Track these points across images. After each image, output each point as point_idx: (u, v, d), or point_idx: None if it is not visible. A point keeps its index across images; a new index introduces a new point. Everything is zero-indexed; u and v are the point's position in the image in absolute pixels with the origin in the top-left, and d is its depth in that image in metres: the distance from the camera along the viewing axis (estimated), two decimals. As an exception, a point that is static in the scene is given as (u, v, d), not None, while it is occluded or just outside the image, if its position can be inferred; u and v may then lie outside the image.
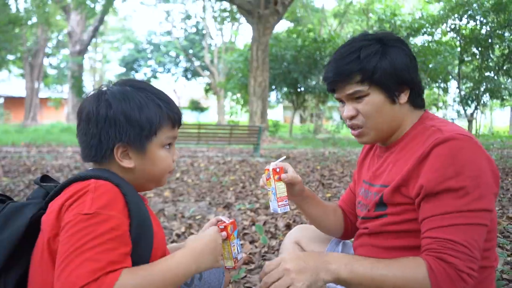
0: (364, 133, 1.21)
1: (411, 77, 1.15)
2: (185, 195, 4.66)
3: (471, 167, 1.00)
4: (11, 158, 8.40)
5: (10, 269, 0.94)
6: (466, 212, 0.99)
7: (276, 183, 1.27)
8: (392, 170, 1.17)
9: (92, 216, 0.85)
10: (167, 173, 1.09)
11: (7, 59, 25.09)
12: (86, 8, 19.43)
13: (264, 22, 14.54)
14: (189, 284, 1.30)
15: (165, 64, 35.29)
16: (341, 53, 1.17)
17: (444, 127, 1.09)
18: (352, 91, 1.16)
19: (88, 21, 24.44)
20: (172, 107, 1.05)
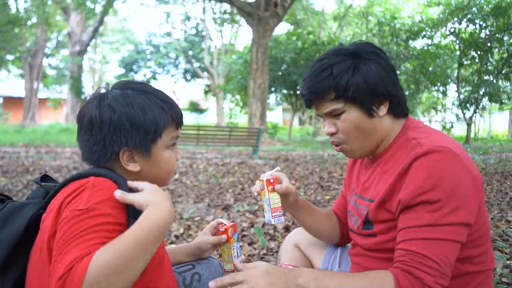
0: (346, 149, 1.20)
1: (387, 89, 1.13)
2: (184, 197, 4.65)
3: (448, 179, 0.99)
4: (9, 158, 8.38)
5: (9, 268, 0.93)
6: (441, 226, 0.98)
7: (270, 194, 1.25)
8: (378, 184, 1.16)
9: (86, 211, 0.84)
10: (171, 174, 1.10)
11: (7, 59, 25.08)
12: (86, 9, 19.44)
13: (264, 24, 14.56)
14: (188, 285, 1.29)
15: (165, 65, 35.32)
16: (314, 70, 1.15)
17: (424, 140, 1.08)
18: (329, 109, 1.15)
19: (88, 21, 24.46)
20: (174, 108, 1.05)
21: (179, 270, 1.32)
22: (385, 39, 18.22)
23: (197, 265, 1.35)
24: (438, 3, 17.16)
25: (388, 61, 1.16)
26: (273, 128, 17.97)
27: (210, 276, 1.34)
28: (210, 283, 0.98)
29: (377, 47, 1.18)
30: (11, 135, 15.88)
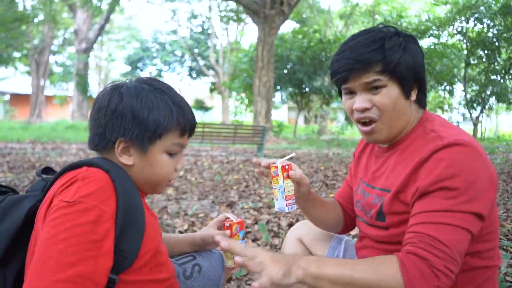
0: (376, 129, 1.15)
1: (422, 75, 1.14)
2: (188, 193, 4.66)
3: (467, 171, 0.98)
4: (16, 154, 8.44)
5: (9, 261, 0.93)
6: (455, 212, 0.97)
7: (284, 181, 1.21)
8: (392, 174, 1.14)
9: (72, 204, 0.84)
10: (165, 181, 1.06)
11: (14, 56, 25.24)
12: (92, 6, 19.51)
13: (270, 22, 14.53)
14: (188, 277, 1.28)
15: (171, 63, 35.38)
16: (360, 41, 1.11)
17: (444, 133, 1.07)
18: (371, 79, 1.10)
19: (94, 19, 24.55)
20: (185, 114, 1.02)
21: (180, 261, 1.31)
22: (391, 38, 18.12)
23: (197, 256, 1.34)
24: (445, 2, 17.05)
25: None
26: (278, 126, 17.95)
27: (211, 268, 1.33)
28: (223, 243, 1.00)
29: (411, 34, 1.19)
30: (18, 131, 16.00)
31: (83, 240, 0.83)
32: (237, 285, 2.02)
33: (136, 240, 0.94)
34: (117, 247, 0.90)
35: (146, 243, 0.96)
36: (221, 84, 26.47)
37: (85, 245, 0.83)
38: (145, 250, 0.96)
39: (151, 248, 0.99)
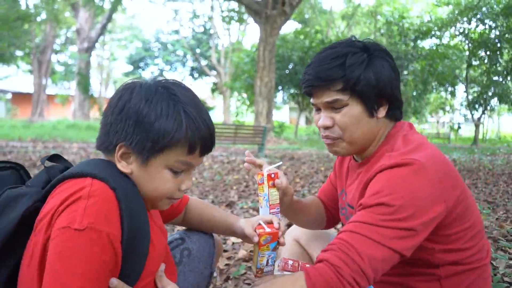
0: (337, 144, 1.14)
1: (392, 91, 1.10)
2: (189, 193, 4.67)
3: (404, 190, 0.96)
4: (17, 153, 8.45)
5: (3, 259, 0.91)
6: (384, 228, 0.94)
7: (270, 189, 1.20)
8: (355, 191, 1.15)
9: (83, 232, 0.79)
10: (165, 199, 0.96)
11: (16, 55, 25.29)
12: (94, 6, 19.54)
13: (272, 23, 14.53)
14: (178, 263, 1.25)
15: (172, 63, 35.43)
16: (324, 56, 1.09)
17: (396, 152, 1.05)
18: (331, 99, 1.08)
19: (96, 18, 24.59)
20: (199, 129, 0.90)
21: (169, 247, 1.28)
22: (393, 38, 18.13)
23: (186, 239, 1.31)
24: (447, 2, 17.04)
25: (395, 63, 1.13)
26: (279, 127, 17.96)
27: (200, 249, 1.31)
28: None
29: (385, 48, 1.15)
30: (20, 130, 16.02)
31: (101, 270, 0.81)
32: (235, 284, 2.02)
33: (139, 264, 0.91)
34: (120, 270, 0.88)
35: (148, 266, 0.94)
36: (223, 84, 26.47)
37: (103, 275, 0.82)
38: (146, 273, 0.94)
39: (154, 271, 0.97)
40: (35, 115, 24.52)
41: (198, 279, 1.28)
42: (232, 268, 2.22)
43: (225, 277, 2.10)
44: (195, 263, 1.28)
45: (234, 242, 2.73)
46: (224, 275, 2.13)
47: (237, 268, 2.19)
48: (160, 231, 1.05)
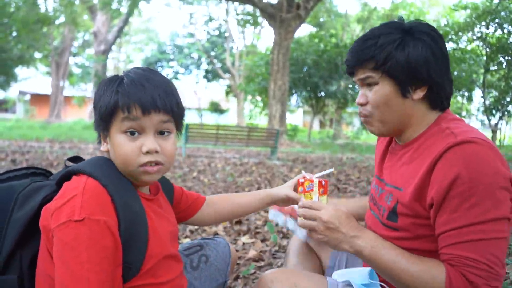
0: (370, 122, 1.17)
1: (429, 75, 1.07)
2: (201, 194, 4.71)
3: (484, 172, 0.93)
4: (35, 152, 8.62)
5: (25, 244, 0.99)
6: (482, 224, 0.93)
7: (320, 197, 1.17)
8: (406, 172, 1.11)
9: (83, 222, 0.87)
10: (134, 165, 1.00)
11: (35, 57, 25.84)
12: (111, 9, 19.84)
13: (286, 26, 14.56)
14: (195, 267, 1.32)
15: (187, 65, 35.69)
16: (362, 37, 1.14)
17: (458, 130, 1.02)
18: (364, 76, 1.13)
19: (113, 21, 24.96)
20: (131, 91, 0.97)
21: (187, 252, 1.35)
22: (409, 42, 17.96)
23: (204, 246, 1.38)
24: (465, 6, 16.82)
25: (441, 47, 1.10)
26: (292, 130, 17.92)
27: (218, 257, 1.37)
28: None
29: (436, 30, 1.12)
30: (37, 130, 16.34)
31: (104, 255, 0.88)
32: (244, 283, 2.04)
33: (139, 251, 0.97)
34: (123, 259, 0.95)
35: (151, 251, 1.00)
36: (237, 87, 26.57)
37: (106, 260, 0.89)
38: (149, 258, 1.00)
39: (157, 254, 1.02)
40: (52, 116, 24.97)
41: (213, 285, 1.35)
42: (242, 268, 2.24)
43: (235, 276, 2.12)
44: (211, 269, 1.35)
45: (244, 242, 2.75)
46: (233, 274, 2.15)
47: (247, 268, 2.21)
48: (164, 218, 1.11)
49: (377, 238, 1.06)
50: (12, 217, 0.99)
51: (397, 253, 1.02)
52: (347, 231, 1.07)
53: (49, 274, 0.93)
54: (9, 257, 0.98)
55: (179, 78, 36.46)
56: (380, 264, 1.03)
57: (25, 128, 17.40)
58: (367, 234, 1.08)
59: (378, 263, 1.03)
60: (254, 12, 22.28)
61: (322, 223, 1.09)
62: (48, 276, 0.94)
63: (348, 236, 1.07)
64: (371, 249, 1.04)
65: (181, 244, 1.41)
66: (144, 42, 38.79)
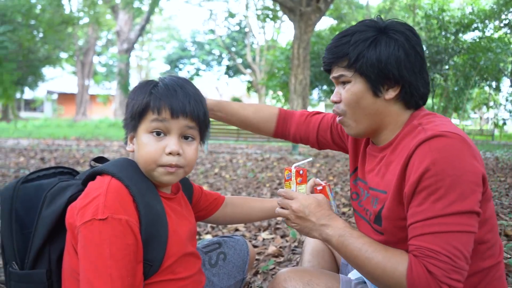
0: (344, 122, 1.17)
1: (400, 74, 1.06)
2: (222, 190, 4.77)
3: (453, 165, 0.93)
4: (62, 150, 8.89)
5: (54, 240, 1.05)
6: (447, 216, 0.93)
7: (297, 186, 1.19)
8: (386, 175, 1.11)
9: (106, 220, 0.91)
10: (158, 167, 1.04)
11: (61, 57, 26.52)
12: (133, 8, 20.15)
13: (306, 20, 14.46)
14: (214, 265, 1.36)
15: (208, 62, 35.91)
16: (339, 34, 1.14)
17: (430, 125, 1.03)
18: (337, 74, 1.13)
19: (135, 20, 25.34)
20: (163, 94, 1.03)
21: (205, 250, 1.40)
22: (432, 32, 17.57)
23: (223, 244, 1.43)
24: (491, -7, 16.32)
25: (415, 46, 1.09)
26: (314, 124, 17.80)
27: (235, 255, 1.41)
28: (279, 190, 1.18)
29: (411, 29, 1.11)
30: (64, 129, 16.82)
31: (126, 252, 0.93)
32: (263, 278, 2.08)
33: (159, 250, 1.02)
34: (143, 256, 0.99)
35: (170, 250, 1.04)
36: (258, 82, 26.58)
37: (128, 257, 0.93)
38: (169, 256, 1.04)
39: (176, 253, 1.06)
40: (79, 114, 25.62)
41: (231, 282, 1.39)
42: (262, 263, 2.28)
43: (254, 272, 2.16)
44: (229, 267, 1.39)
45: (264, 238, 2.79)
46: (253, 269, 2.19)
47: (266, 263, 2.25)
48: (184, 217, 1.15)
49: (346, 227, 1.06)
50: (41, 215, 1.05)
51: (364, 242, 1.02)
52: (317, 220, 1.09)
53: (74, 269, 0.99)
54: (39, 252, 1.04)
55: (200, 75, 36.73)
56: (346, 252, 1.03)
57: (53, 126, 17.94)
58: (336, 223, 1.08)
59: (344, 252, 1.04)
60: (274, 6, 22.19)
61: (292, 212, 1.12)
62: (73, 270, 0.99)
63: (318, 224, 1.08)
64: (339, 238, 1.04)
65: (200, 241, 1.46)
66: (166, 39, 39.25)
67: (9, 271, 1.08)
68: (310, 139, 1.51)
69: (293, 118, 1.54)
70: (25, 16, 19.76)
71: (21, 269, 1.06)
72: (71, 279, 1.00)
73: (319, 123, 1.48)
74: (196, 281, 1.14)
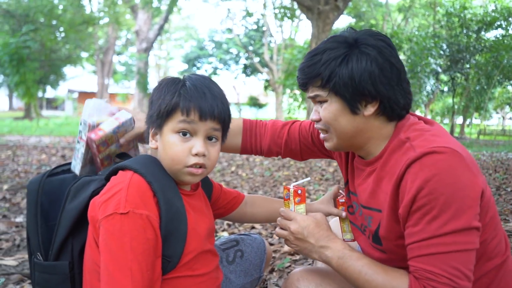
0: (327, 139, 1.15)
1: (376, 90, 1.03)
2: (239, 188, 4.79)
3: (445, 182, 0.91)
4: (82, 148, 9.06)
5: (76, 233, 1.08)
6: (443, 236, 0.91)
7: (296, 206, 1.17)
8: (377, 192, 1.09)
9: (127, 215, 0.94)
10: (181, 165, 1.06)
11: (82, 57, 27.02)
12: (152, 7, 20.38)
13: (324, 18, 14.36)
14: (231, 262, 1.37)
15: (226, 61, 36.02)
16: (311, 52, 1.11)
17: (417, 140, 1.00)
18: (313, 94, 1.11)
19: (154, 19, 25.60)
20: (193, 96, 1.04)
21: (223, 247, 1.41)
22: (453, 30, 17.24)
23: (240, 241, 1.44)
24: (515, -10, 15.92)
25: (390, 59, 1.04)
26: (331, 124, 17.68)
27: (253, 253, 1.42)
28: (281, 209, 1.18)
29: (385, 40, 1.07)
30: (85, 127, 17.09)
31: (146, 246, 0.95)
32: (279, 276, 2.09)
33: (178, 247, 1.04)
34: (162, 252, 1.01)
35: (189, 246, 1.06)
36: (275, 81, 26.54)
37: (148, 251, 0.95)
38: (187, 252, 1.06)
39: (194, 250, 1.08)
40: (98, 113, 25.99)
41: (248, 279, 1.40)
42: (277, 261, 2.29)
43: (270, 269, 2.17)
44: (246, 264, 1.40)
45: (280, 236, 2.80)
46: (269, 267, 2.20)
47: (282, 261, 2.25)
48: (203, 214, 1.17)
49: (345, 249, 1.05)
50: (65, 208, 1.08)
51: (363, 263, 1.01)
52: (316, 241, 1.07)
53: (95, 261, 1.01)
54: (62, 244, 1.08)
55: (218, 74, 36.87)
56: (346, 274, 1.02)
57: (74, 125, 18.28)
58: (336, 245, 1.06)
59: (344, 274, 1.03)
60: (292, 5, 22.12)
61: (291, 233, 1.10)
62: (94, 263, 1.02)
63: (317, 246, 1.07)
64: (338, 260, 1.03)
65: (218, 238, 1.47)
66: (184, 39, 39.55)
67: (34, 261, 1.12)
68: (293, 151, 1.44)
69: (263, 129, 1.46)
70: (47, 16, 20.20)
71: (45, 260, 1.10)
72: (92, 272, 1.03)
73: (298, 133, 1.42)
74: (213, 277, 1.16)
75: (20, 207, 3.55)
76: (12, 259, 2.30)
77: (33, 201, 1.13)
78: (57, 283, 1.08)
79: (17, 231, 2.86)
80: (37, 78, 20.31)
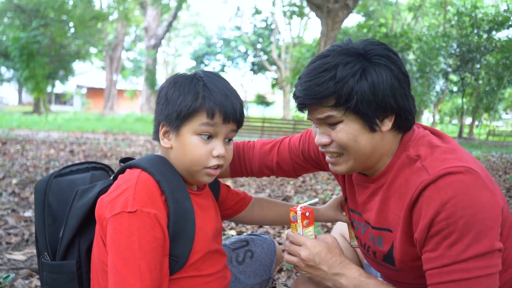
0: (339, 163, 1.04)
1: (397, 102, 0.96)
2: (246, 186, 4.78)
3: (464, 204, 0.86)
4: (90, 144, 9.10)
5: (83, 231, 1.08)
6: (464, 262, 0.87)
7: (304, 230, 1.09)
8: (385, 211, 1.04)
9: (135, 213, 0.93)
10: (201, 167, 1.05)
11: (90, 52, 27.17)
12: (161, 4, 20.42)
13: (333, 17, 14.29)
14: (241, 262, 1.36)
15: (234, 58, 36.02)
16: (314, 69, 0.97)
17: (429, 160, 0.94)
18: (323, 116, 0.98)
19: (162, 16, 25.66)
20: (215, 98, 1.02)
21: (233, 247, 1.40)
22: (464, 30, 17.08)
23: (251, 242, 1.42)
24: (527, -10, 15.72)
25: (401, 67, 0.98)
26: (339, 122, 17.63)
27: (263, 254, 1.40)
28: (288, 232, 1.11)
29: (390, 49, 1.00)
30: (93, 123, 17.23)
31: (154, 244, 0.94)
32: (288, 276, 2.07)
33: (186, 246, 1.03)
34: (169, 252, 1.00)
35: (196, 246, 1.05)
36: (283, 79, 26.49)
37: (156, 250, 0.95)
38: (195, 252, 1.05)
39: (201, 249, 1.07)
40: (106, 108, 26.17)
41: (257, 280, 1.39)
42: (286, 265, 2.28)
43: (279, 269, 2.16)
44: (256, 265, 1.39)
45: (288, 235, 2.78)
46: (277, 266, 2.19)
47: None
48: (210, 213, 1.16)
49: (361, 276, 1.00)
50: (72, 207, 1.08)
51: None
52: (329, 268, 1.02)
53: (102, 260, 1.01)
54: (69, 243, 1.07)
55: (226, 71, 36.88)
56: None
57: (82, 120, 18.42)
58: (351, 272, 1.01)
59: None
60: (301, 3, 22.03)
61: (301, 260, 1.04)
62: (101, 262, 1.01)
63: (330, 274, 1.02)
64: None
65: (227, 237, 1.46)
66: (192, 35, 39.64)
67: (41, 261, 1.11)
68: (286, 171, 1.38)
69: (251, 152, 1.40)
70: (58, 11, 20.34)
71: (52, 260, 1.09)
72: (100, 271, 1.02)
73: (289, 153, 1.35)
74: (221, 277, 1.15)
75: (29, 202, 3.57)
76: (21, 254, 2.31)
77: (40, 201, 1.12)
78: (64, 282, 1.07)
79: (26, 226, 2.88)
80: (46, 73, 20.48)
